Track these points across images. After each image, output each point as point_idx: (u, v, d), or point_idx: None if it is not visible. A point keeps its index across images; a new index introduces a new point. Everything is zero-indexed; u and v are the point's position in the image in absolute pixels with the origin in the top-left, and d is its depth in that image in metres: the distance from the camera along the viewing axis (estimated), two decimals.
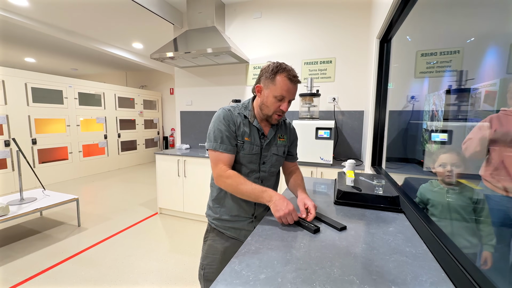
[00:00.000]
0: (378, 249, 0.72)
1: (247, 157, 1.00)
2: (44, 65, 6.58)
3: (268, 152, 1.03)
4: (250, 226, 1.04)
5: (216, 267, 1.03)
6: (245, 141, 0.98)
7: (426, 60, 1.60)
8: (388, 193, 1.05)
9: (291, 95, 0.94)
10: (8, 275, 1.89)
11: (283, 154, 1.08)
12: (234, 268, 0.63)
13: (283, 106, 0.94)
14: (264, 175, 1.04)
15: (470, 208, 0.94)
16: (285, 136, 1.09)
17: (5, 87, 3.86)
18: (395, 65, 1.87)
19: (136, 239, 2.50)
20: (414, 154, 1.72)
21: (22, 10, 3.29)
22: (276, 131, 1.06)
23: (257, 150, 1.00)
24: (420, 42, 1.69)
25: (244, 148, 0.98)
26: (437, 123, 1.41)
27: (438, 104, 1.40)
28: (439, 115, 1.38)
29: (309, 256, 0.68)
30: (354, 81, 2.61)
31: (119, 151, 5.94)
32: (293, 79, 0.91)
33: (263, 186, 0.99)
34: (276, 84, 0.91)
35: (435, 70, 1.53)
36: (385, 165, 1.93)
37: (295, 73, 0.93)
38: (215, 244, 1.05)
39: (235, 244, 1.04)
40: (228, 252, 1.03)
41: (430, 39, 1.60)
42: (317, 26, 2.69)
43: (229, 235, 1.05)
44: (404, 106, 1.87)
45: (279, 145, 1.06)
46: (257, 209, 1.06)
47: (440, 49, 1.47)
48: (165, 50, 2.82)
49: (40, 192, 2.83)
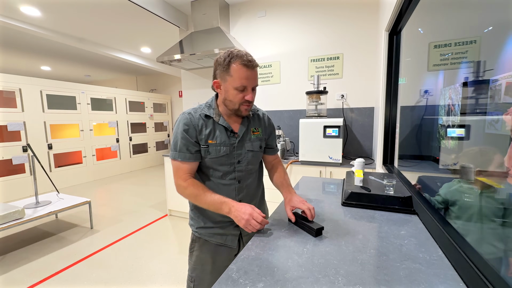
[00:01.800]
0: (388, 255, 0.66)
1: (217, 160, 0.92)
2: (59, 72, 6.83)
3: (242, 149, 0.95)
4: (236, 230, 0.98)
5: (207, 278, 0.98)
6: (209, 144, 0.91)
7: (440, 52, 1.51)
8: (400, 193, 0.99)
9: (252, 82, 0.86)
10: (24, 276, 1.95)
11: (259, 148, 1.00)
12: (231, 276, 0.59)
13: (247, 96, 0.86)
14: (241, 174, 0.96)
15: (501, 212, 0.85)
16: (259, 129, 1.01)
17: (22, 95, 4.02)
18: (407, 59, 1.78)
19: (146, 241, 2.52)
20: (430, 151, 1.63)
21: (35, 20, 3.41)
22: (248, 126, 0.98)
23: (225, 151, 0.92)
24: (432, 33, 1.60)
25: (210, 152, 0.91)
26: (454, 117, 1.32)
27: (454, 98, 1.31)
28: (455, 109, 1.30)
29: (312, 263, 0.63)
30: (363, 77, 2.52)
31: (131, 154, 6.06)
32: (249, 64, 0.83)
33: (241, 186, 0.97)
34: (233, 75, 0.83)
35: (450, 62, 1.44)
36: (397, 163, 1.85)
37: (250, 57, 0.84)
38: (202, 255, 1.00)
39: (224, 252, 0.99)
40: (218, 261, 0.99)
41: (443, 30, 1.50)
42: (323, 22, 2.61)
43: (216, 242, 0.99)
44: (417, 101, 1.78)
45: (254, 140, 0.98)
46: None
47: (455, 40, 1.38)
48: (171, 53, 2.84)
49: (54, 195, 2.92)
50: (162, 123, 7.03)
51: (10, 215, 2.17)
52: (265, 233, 0.81)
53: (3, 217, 2.12)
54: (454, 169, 1.18)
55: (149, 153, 6.60)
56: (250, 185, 0.99)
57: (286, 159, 2.50)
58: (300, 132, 2.27)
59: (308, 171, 2.28)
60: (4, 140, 3.90)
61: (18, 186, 4.03)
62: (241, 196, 0.98)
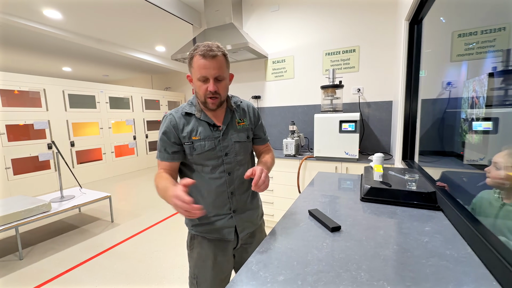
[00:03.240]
0: (412, 251, 0.64)
1: (203, 155, 0.92)
2: (79, 73, 7.11)
3: (228, 141, 0.95)
4: (231, 222, 0.96)
5: (208, 274, 0.98)
6: (193, 141, 0.91)
7: (464, 41, 1.42)
8: (423, 189, 0.95)
9: (211, 72, 0.84)
10: (52, 266, 2.07)
11: (246, 138, 1.00)
12: (251, 268, 0.59)
13: (209, 86, 0.85)
14: (230, 166, 0.95)
15: None
16: (244, 119, 1.01)
17: (46, 95, 4.22)
18: (427, 51, 1.70)
19: (163, 234, 2.59)
20: (452, 146, 1.55)
21: (57, 23, 3.56)
22: (232, 117, 0.98)
23: (210, 145, 0.92)
24: (456, 22, 1.51)
25: (195, 149, 0.91)
26: (478, 110, 1.24)
27: (479, 91, 1.24)
28: (480, 102, 1.22)
29: (332, 258, 0.62)
30: (380, 70, 2.43)
31: (147, 151, 6.23)
32: (206, 54, 0.82)
33: (232, 178, 0.95)
34: (194, 67, 0.85)
35: (475, 52, 1.36)
36: (418, 158, 1.78)
37: (211, 47, 0.83)
38: (203, 251, 0.99)
39: (223, 246, 0.99)
40: (219, 256, 0.98)
41: (468, 17, 1.41)
42: (338, 14, 2.54)
43: (213, 237, 0.98)
44: (439, 93, 1.70)
45: (240, 130, 0.98)
46: (234, 203, 0.96)
47: (482, 27, 1.29)
48: (185, 51, 2.87)
49: (77, 190, 3.06)
50: None
51: (38, 208, 2.30)
52: (283, 228, 0.81)
53: (31, 210, 2.25)
54: (481, 165, 1.11)
55: None
56: (241, 176, 0.97)
57: (300, 154, 2.48)
58: (315, 127, 2.24)
59: (323, 167, 2.25)
60: (31, 138, 4.12)
61: (44, 181, 4.27)
62: (232, 188, 0.96)
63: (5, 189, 3.77)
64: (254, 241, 1.04)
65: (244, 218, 0.99)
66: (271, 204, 2.58)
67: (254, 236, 1.04)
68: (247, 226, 1.00)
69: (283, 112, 2.97)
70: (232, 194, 0.96)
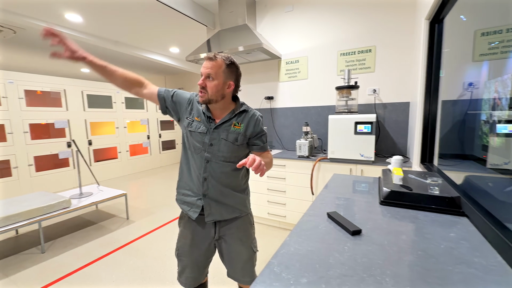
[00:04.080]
0: (437, 257, 0.62)
1: (194, 134, 1.09)
2: (96, 74, 7.34)
3: (217, 135, 1.08)
4: (199, 203, 1.10)
5: (187, 249, 1.18)
6: (194, 120, 1.10)
7: (488, 40, 1.37)
8: (446, 193, 0.92)
9: (204, 70, 1.01)
10: (72, 260, 2.15)
11: (234, 141, 1.09)
12: (273, 270, 0.60)
13: (199, 81, 1.03)
14: (210, 156, 1.08)
15: None
16: (242, 125, 1.11)
17: (66, 95, 4.40)
18: (445, 50, 1.65)
19: (176, 233, 2.62)
20: (473, 150, 1.49)
21: (77, 26, 3.70)
22: (231, 119, 1.10)
23: (202, 130, 1.08)
24: (479, 20, 1.45)
25: (192, 126, 1.09)
26: (501, 112, 1.19)
27: (501, 92, 1.19)
28: (502, 103, 1.18)
29: (354, 262, 0.62)
30: (397, 71, 2.38)
31: (160, 150, 6.36)
32: (207, 57, 1.02)
33: (208, 166, 1.08)
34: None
35: (500, 51, 1.30)
36: (437, 161, 1.72)
37: (214, 54, 1.02)
38: (185, 230, 1.19)
39: (201, 232, 1.16)
40: (196, 237, 1.16)
41: (492, 16, 1.36)
42: (353, 14, 2.50)
43: (184, 209, 1.16)
44: (460, 94, 1.64)
45: (231, 132, 1.09)
46: (204, 187, 1.09)
47: (508, 26, 1.24)
48: (199, 52, 2.91)
49: (95, 187, 3.17)
50: None
51: (59, 204, 2.40)
52: (302, 230, 0.80)
53: (53, 206, 2.36)
54: (505, 169, 1.07)
55: (177, 149, 6.88)
56: (218, 170, 1.09)
57: (313, 156, 2.46)
58: (329, 128, 2.21)
59: (337, 169, 2.22)
60: (52, 136, 4.30)
61: (63, 178, 4.44)
62: (206, 175, 1.09)
63: (28, 185, 3.96)
64: (234, 235, 1.17)
65: (213, 205, 1.11)
66: (283, 205, 2.58)
67: (231, 229, 1.17)
68: (214, 214, 1.12)
69: (296, 113, 2.95)
70: (205, 180, 1.09)
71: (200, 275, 1.21)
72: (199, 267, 1.19)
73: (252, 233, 1.24)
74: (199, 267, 1.19)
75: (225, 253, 1.19)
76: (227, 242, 1.17)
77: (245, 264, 1.19)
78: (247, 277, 1.20)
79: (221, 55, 1.02)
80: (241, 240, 1.18)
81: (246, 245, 1.19)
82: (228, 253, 1.18)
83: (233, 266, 1.20)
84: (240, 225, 1.18)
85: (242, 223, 1.19)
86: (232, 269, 1.21)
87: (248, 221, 1.23)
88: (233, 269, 1.21)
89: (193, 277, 1.19)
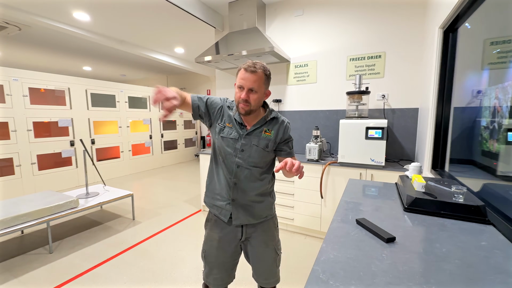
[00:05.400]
0: (476, 266, 0.64)
1: (225, 140, 1.10)
2: (99, 72, 7.31)
3: (248, 141, 1.10)
4: (229, 208, 1.13)
5: (213, 252, 1.19)
6: (225, 126, 1.11)
7: (498, 49, 1.40)
8: (471, 202, 0.94)
9: (247, 83, 1.01)
10: (81, 261, 2.14)
11: (265, 147, 1.12)
12: (319, 277, 0.61)
13: (242, 94, 1.02)
14: (240, 162, 1.10)
15: None
16: (272, 131, 1.13)
17: (70, 94, 4.37)
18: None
19: (184, 234, 2.64)
20: (482, 157, 1.52)
21: (84, 25, 3.69)
22: (262, 126, 1.12)
23: (234, 136, 1.10)
24: (488, 30, 1.48)
25: (224, 131, 1.11)
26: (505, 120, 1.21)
27: (502, 98, 1.22)
28: (503, 110, 1.20)
29: (396, 270, 0.63)
30: (407, 76, 2.41)
31: (162, 150, 6.34)
32: (248, 68, 1.01)
33: (238, 172, 1.10)
34: (237, 77, 1.05)
35: (508, 60, 1.34)
36: (448, 168, 1.75)
37: (253, 65, 1.02)
38: (212, 233, 1.20)
39: (228, 234, 1.17)
40: (223, 241, 1.17)
41: (503, 25, 1.39)
42: (363, 20, 2.54)
43: (214, 212, 1.18)
44: (469, 102, 1.68)
45: (262, 138, 1.11)
46: (234, 193, 1.11)
47: None
48: (208, 54, 2.92)
49: (100, 187, 3.15)
50: (190, 121, 7.27)
51: (67, 204, 2.38)
52: (336, 236, 0.82)
53: (61, 206, 2.34)
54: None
55: (179, 149, 6.86)
56: (247, 176, 1.11)
57: (322, 159, 2.48)
58: (340, 133, 2.23)
59: (347, 173, 2.24)
60: (55, 135, 4.26)
61: (65, 177, 4.41)
62: (236, 180, 1.11)
63: (31, 184, 3.92)
64: (259, 238, 1.18)
65: (241, 210, 1.13)
66: (291, 208, 2.59)
67: (258, 232, 1.18)
68: (241, 218, 1.14)
69: (304, 116, 2.97)
70: (236, 185, 1.11)
71: (228, 277, 1.22)
72: (226, 269, 1.20)
73: (277, 235, 1.26)
74: (226, 269, 1.20)
75: (250, 255, 1.21)
76: (252, 245, 1.19)
77: (270, 266, 1.22)
78: (271, 278, 1.23)
79: (259, 66, 1.03)
80: (266, 243, 1.20)
81: (270, 247, 1.21)
82: (253, 256, 1.21)
83: (258, 268, 1.22)
84: (265, 227, 1.20)
85: (267, 226, 1.21)
86: (257, 271, 1.23)
87: (273, 224, 1.25)
88: (258, 271, 1.23)
89: (221, 277, 1.20)
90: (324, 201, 2.41)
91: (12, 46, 4.78)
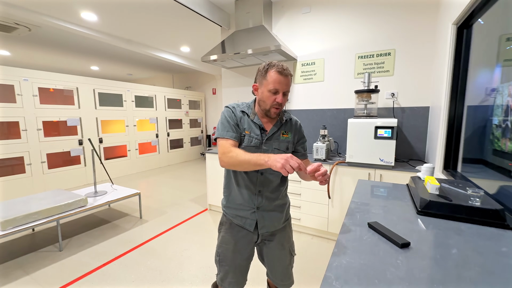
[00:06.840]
0: (499, 274, 0.61)
1: (247, 148, 1.06)
2: (106, 72, 7.39)
3: (269, 146, 1.09)
4: (253, 216, 1.11)
5: (229, 255, 1.16)
6: (245, 134, 1.07)
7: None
8: (489, 205, 0.91)
9: (283, 87, 1.00)
10: (90, 259, 2.17)
11: (286, 149, 1.12)
12: (332, 284, 0.59)
13: (278, 98, 1.00)
14: (264, 169, 1.05)
15: None
16: (289, 133, 1.13)
17: (79, 93, 4.42)
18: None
19: (191, 233, 2.65)
20: (489, 156, 1.47)
21: (92, 24, 3.72)
22: (280, 128, 1.11)
23: (256, 143, 1.07)
24: (503, 25, 1.43)
25: (244, 141, 1.07)
26: None
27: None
28: None
29: (413, 277, 0.61)
30: (417, 75, 2.35)
31: (168, 149, 6.39)
32: (282, 72, 0.99)
33: (262, 178, 1.09)
34: (268, 79, 1.00)
35: None
36: (461, 168, 1.71)
37: (284, 67, 1.00)
38: (227, 236, 1.16)
39: (244, 237, 1.14)
40: (239, 244, 1.15)
41: None
42: (372, 17, 2.48)
43: (237, 223, 1.15)
44: (482, 100, 1.62)
45: (282, 141, 1.11)
46: (258, 201, 1.10)
47: None
48: (214, 53, 2.91)
49: (108, 186, 3.19)
50: (196, 120, 7.29)
51: (76, 203, 2.42)
52: (348, 241, 0.80)
53: (70, 204, 2.37)
54: None
55: (184, 148, 6.90)
56: (271, 180, 1.10)
57: (330, 159, 2.45)
58: (348, 132, 2.20)
59: (356, 173, 2.21)
60: (64, 134, 4.33)
61: (74, 176, 4.48)
62: (260, 187, 1.09)
63: (41, 182, 4.00)
64: (275, 239, 1.18)
65: (266, 217, 1.12)
66: (298, 208, 2.57)
67: (275, 235, 1.18)
68: (267, 225, 1.13)
69: (311, 115, 2.94)
70: (260, 193, 1.10)
71: (243, 279, 1.21)
72: (242, 272, 1.19)
73: (291, 236, 1.25)
74: (242, 272, 1.19)
75: (266, 256, 1.21)
76: (269, 247, 1.18)
77: (285, 269, 1.21)
78: (286, 280, 1.22)
79: (287, 68, 1.01)
80: (282, 245, 1.19)
81: (286, 249, 1.20)
82: (270, 257, 1.20)
83: (274, 270, 1.22)
84: (282, 229, 1.19)
85: (283, 227, 1.20)
86: (273, 273, 1.22)
87: (289, 225, 1.24)
88: (273, 273, 1.22)
89: (236, 281, 1.18)
90: (332, 201, 2.38)
91: (22, 46, 4.86)
